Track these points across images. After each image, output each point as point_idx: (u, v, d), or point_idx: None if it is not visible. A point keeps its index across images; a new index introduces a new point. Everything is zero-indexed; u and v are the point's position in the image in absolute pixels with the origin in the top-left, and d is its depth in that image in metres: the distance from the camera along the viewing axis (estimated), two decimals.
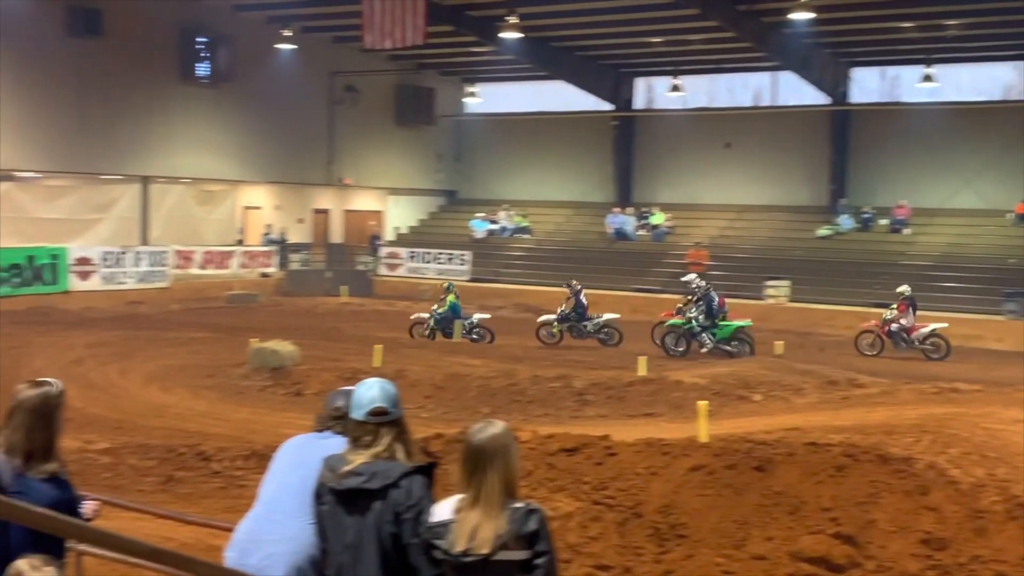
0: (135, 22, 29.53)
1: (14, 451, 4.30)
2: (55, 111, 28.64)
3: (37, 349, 18.36)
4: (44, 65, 28.07)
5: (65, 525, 2.94)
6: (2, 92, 27.41)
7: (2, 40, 26.87)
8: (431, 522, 4.00)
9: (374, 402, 4.18)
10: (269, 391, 16.33)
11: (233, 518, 6.80)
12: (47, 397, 4.38)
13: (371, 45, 29.54)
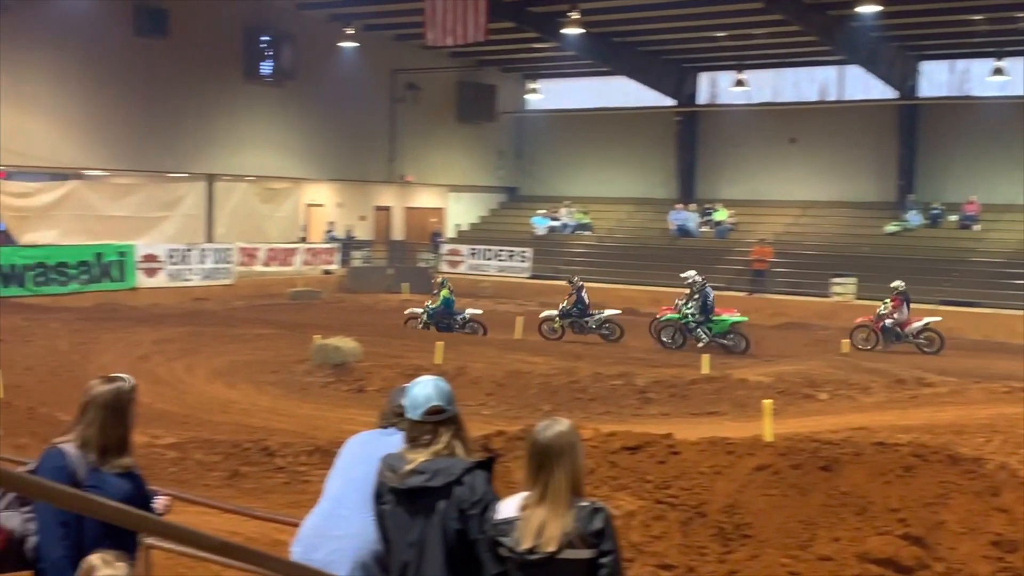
0: (200, 22, 29.89)
1: (88, 446, 4.34)
2: (122, 110, 29.09)
3: (105, 345, 18.64)
4: (112, 65, 28.52)
5: (138, 519, 2.95)
6: (71, 91, 27.94)
7: (71, 40, 27.37)
8: (496, 519, 3.98)
9: (430, 401, 4.18)
10: (332, 387, 16.43)
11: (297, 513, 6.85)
12: (119, 392, 4.42)
13: (433, 42, 29.61)
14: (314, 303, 28.47)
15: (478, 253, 35.64)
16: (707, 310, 21.33)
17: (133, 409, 4.46)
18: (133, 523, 2.80)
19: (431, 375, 4.39)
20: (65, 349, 18.14)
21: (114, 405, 4.39)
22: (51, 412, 13.44)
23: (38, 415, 13.15)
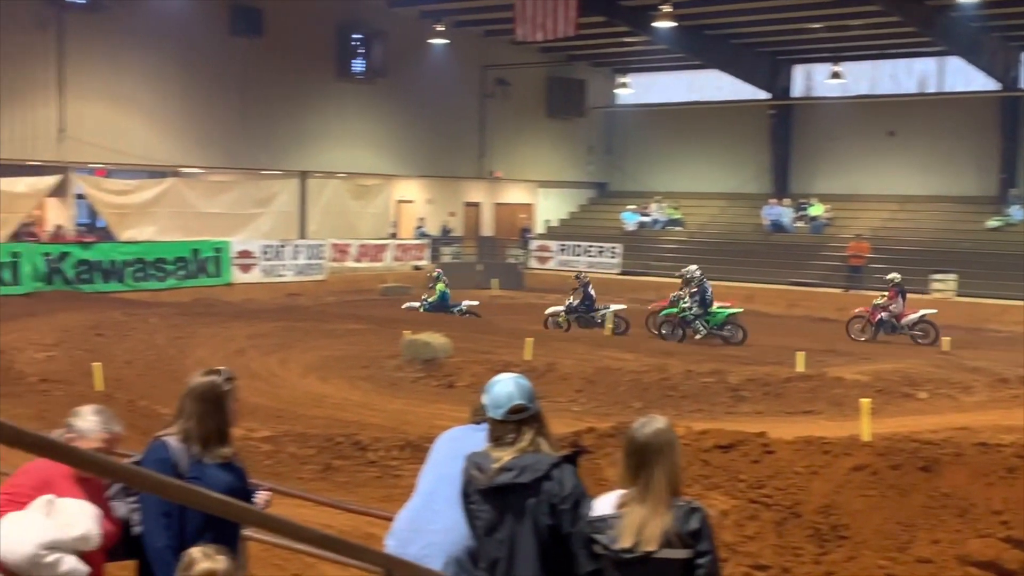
0: (294, 20, 30.29)
1: (189, 438, 4.44)
2: (218, 109, 29.63)
3: (201, 339, 18.99)
4: (208, 64, 29.07)
5: (241, 511, 2.97)
6: (168, 91, 28.54)
7: (168, 40, 27.97)
8: (592, 516, 3.97)
9: (512, 399, 4.17)
10: (422, 383, 16.49)
11: (389, 507, 6.90)
12: (213, 384, 4.49)
13: (523, 38, 29.62)
14: (404, 299, 28.64)
15: (567, 249, 35.56)
16: (706, 304, 21.81)
17: (230, 402, 4.52)
18: (235, 515, 2.83)
19: (511, 372, 4.39)
20: (163, 343, 18.52)
21: (209, 397, 4.46)
22: (150, 405, 13.73)
23: (138, 408, 13.44)
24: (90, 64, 26.87)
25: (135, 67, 27.68)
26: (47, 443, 2.16)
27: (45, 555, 3.97)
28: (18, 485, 4.22)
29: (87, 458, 2.58)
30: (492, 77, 36.70)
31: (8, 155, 25.75)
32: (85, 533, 4.10)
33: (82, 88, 26.82)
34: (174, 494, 2.54)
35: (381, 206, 34.44)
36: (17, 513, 4.08)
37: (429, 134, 34.82)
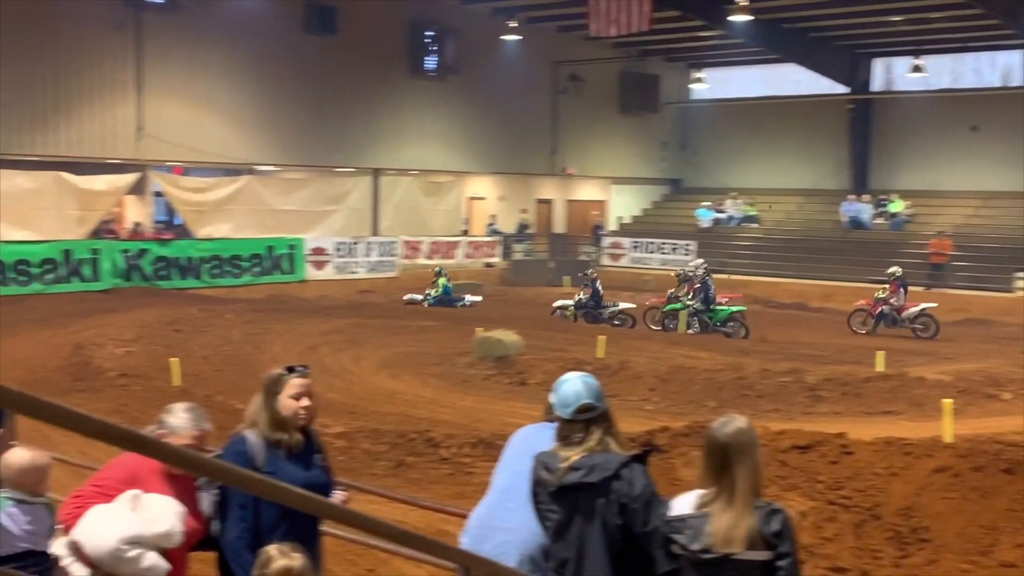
0: (367, 18, 30.44)
1: (256, 427, 4.56)
2: (292, 107, 29.90)
3: (276, 335, 19.15)
4: (282, 62, 29.35)
5: (320, 505, 2.93)
6: (244, 89, 28.88)
7: (244, 39, 28.30)
8: (670, 515, 3.93)
9: (580, 399, 4.13)
10: (494, 380, 16.44)
11: (462, 505, 6.86)
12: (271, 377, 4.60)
13: (596, 33, 29.46)
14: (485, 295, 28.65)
15: (640, 246, 35.33)
16: (709, 300, 22.03)
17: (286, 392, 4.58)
18: (315, 509, 2.80)
19: (579, 371, 4.36)
20: (239, 339, 18.71)
21: (267, 388, 4.57)
22: (226, 400, 13.85)
23: (214, 403, 13.55)
24: (167, 63, 27.28)
25: (211, 66, 28.06)
26: (134, 437, 2.17)
27: (127, 550, 3.98)
28: (107, 478, 4.26)
29: (172, 452, 2.61)
30: (565, 73, 36.57)
31: (88, 153, 26.28)
32: (168, 530, 4.12)
33: (159, 87, 27.25)
34: (256, 488, 2.53)
35: (453, 203, 34.49)
36: (103, 506, 4.12)
37: (501, 131, 34.81)
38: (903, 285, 23.05)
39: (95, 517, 4.07)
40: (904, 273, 23.55)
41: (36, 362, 15.92)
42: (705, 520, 3.83)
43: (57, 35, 25.18)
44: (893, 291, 22.89)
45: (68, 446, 10.47)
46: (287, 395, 4.53)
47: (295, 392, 4.53)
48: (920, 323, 22.58)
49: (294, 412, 4.54)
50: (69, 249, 24.82)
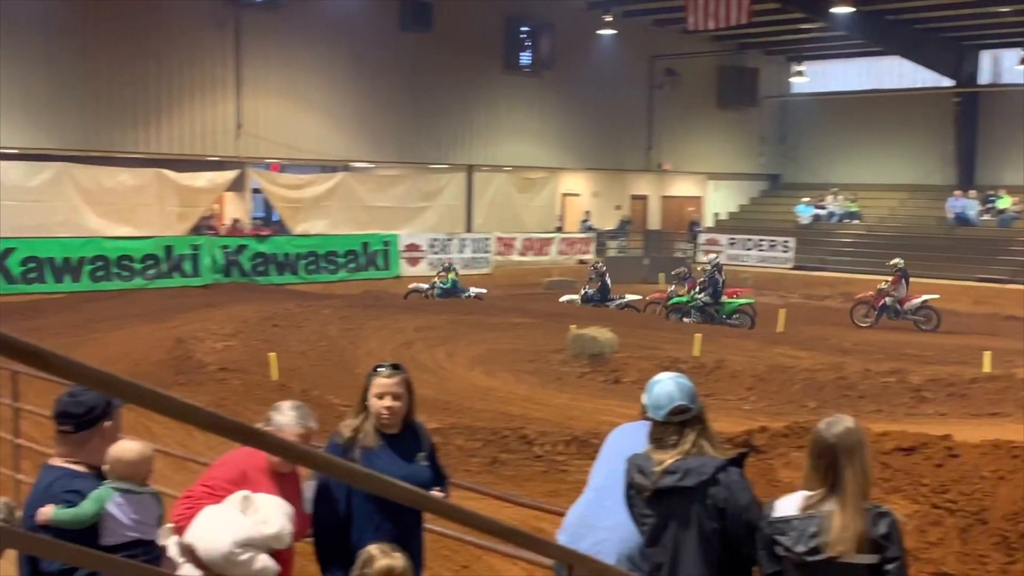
0: (462, 14, 30.51)
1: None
2: (387, 104, 30.09)
3: (371, 331, 19.26)
4: (378, 60, 29.56)
5: (425, 500, 2.88)
6: (340, 87, 29.18)
7: (341, 37, 28.58)
8: (774, 517, 3.86)
9: (673, 400, 4.06)
10: (588, 378, 16.36)
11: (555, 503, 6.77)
12: (368, 374, 4.67)
13: (694, 27, 29.12)
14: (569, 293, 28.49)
15: (738, 243, 34.82)
16: (717, 294, 22.50)
17: (373, 388, 4.65)
18: (419, 503, 2.76)
19: (671, 372, 4.32)
20: (335, 335, 18.86)
21: (366, 387, 4.66)
22: (323, 395, 13.96)
23: (311, 398, 13.65)
24: (265, 61, 27.69)
25: (308, 64, 28.38)
26: (244, 429, 2.16)
27: (240, 553, 4.00)
28: (216, 477, 4.30)
29: (281, 445, 2.63)
30: (661, 67, 36.26)
31: (189, 150, 26.81)
32: (279, 532, 4.13)
33: (258, 85, 27.67)
34: (362, 482, 2.54)
35: (547, 199, 34.41)
36: (215, 507, 4.14)
37: (596, 126, 34.62)
38: (905, 276, 23.06)
39: (207, 520, 4.10)
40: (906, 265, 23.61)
41: (139, 355, 16.25)
42: (811, 522, 3.76)
43: (160, 35, 25.73)
44: (895, 283, 22.85)
45: (169, 438, 10.62)
46: (373, 394, 4.57)
47: (378, 392, 4.58)
48: (922, 315, 22.63)
49: (377, 412, 4.57)
50: (170, 245, 25.35)
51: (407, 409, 4.65)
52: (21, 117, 24.00)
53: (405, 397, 4.62)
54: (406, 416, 4.67)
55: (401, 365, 4.67)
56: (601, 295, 23.90)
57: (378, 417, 4.57)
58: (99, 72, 24.91)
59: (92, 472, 3.83)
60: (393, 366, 4.64)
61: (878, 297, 22.98)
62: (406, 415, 4.67)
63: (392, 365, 4.64)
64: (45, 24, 23.88)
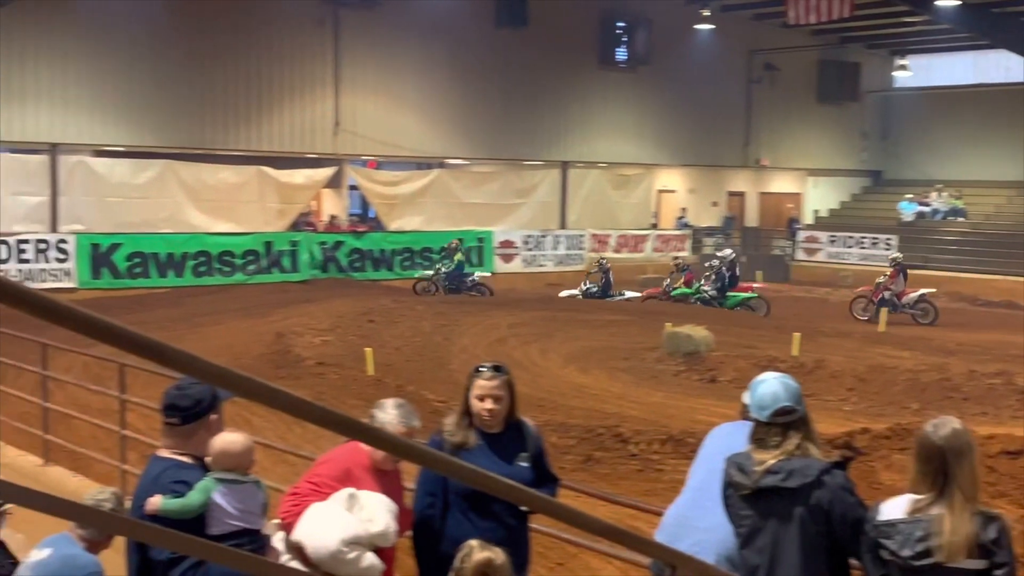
0: (558, 10, 30.43)
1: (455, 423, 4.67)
2: (482, 101, 30.21)
3: (465, 328, 19.34)
4: (473, 57, 29.68)
5: (528, 497, 2.88)
6: (436, 84, 29.35)
7: (436, 33, 28.75)
8: (879, 520, 3.79)
9: (778, 401, 3.99)
10: (683, 376, 16.23)
11: (651, 502, 6.70)
12: (468, 374, 4.71)
13: (795, 20, 28.68)
14: None
15: (838, 241, 34.17)
16: (723, 288, 23.14)
17: (473, 389, 4.66)
18: (522, 500, 2.76)
19: (775, 372, 4.24)
20: (429, 331, 18.99)
21: (467, 387, 4.65)
22: (418, 391, 14.06)
23: (406, 393, 13.76)
24: (363, 59, 28.01)
25: (404, 61, 28.62)
26: (353, 424, 2.20)
27: (347, 551, 4.02)
28: (321, 475, 4.32)
29: (387, 439, 2.67)
30: (759, 62, 35.77)
31: (288, 148, 27.25)
32: (384, 530, 4.15)
33: (355, 83, 28.00)
34: (462, 476, 2.57)
35: (642, 196, 34.20)
36: (321, 505, 4.17)
37: (692, 122, 34.30)
38: (903, 271, 23.40)
39: (315, 518, 4.13)
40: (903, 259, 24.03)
41: (240, 349, 16.57)
42: (918, 526, 3.69)
43: (261, 34, 26.21)
44: (893, 277, 23.19)
45: (269, 431, 10.81)
46: (474, 395, 4.57)
47: (478, 393, 4.57)
48: (920, 309, 23.03)
49: (478, 412, 4.57)
50: (270, 241, 25.82)
51: (509, 410, 4.63)
52: (127, 116, 24.67)
53: (506, 399, 4.60)
54: (509, 416, 4.64)
55: (503, 366, 4.64)
56: (602, 291, 24.28)
57: (479, 417, 4.57)
58: (203, 72, 25.47)
59: (198, 463, 3.90)
60: (495, 367, 4.62)
61: (876, 291, 23.24)
62: (508, 415, 4.64)
63: (494, 367, 4.62)
64: (151, 25, 24.49)
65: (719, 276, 23.17)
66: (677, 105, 33.86)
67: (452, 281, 24.97)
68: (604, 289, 24.37)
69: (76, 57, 23.78)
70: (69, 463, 9.90)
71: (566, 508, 3.13)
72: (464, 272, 25.26)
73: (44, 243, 23.14)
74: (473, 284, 25.14)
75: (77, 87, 23.89)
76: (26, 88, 23.26)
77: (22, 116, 23.28)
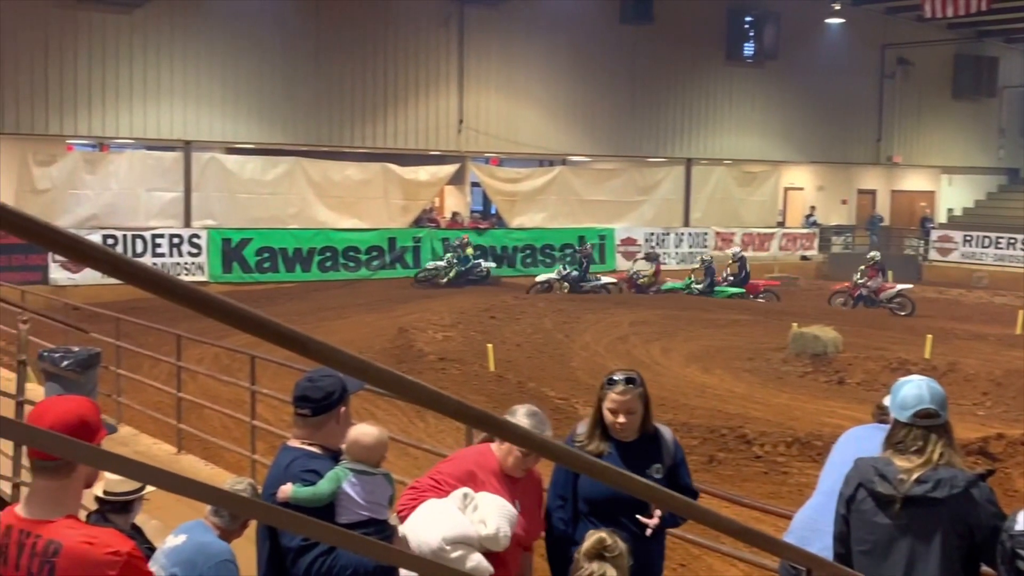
0: (684, 6, 30.10)
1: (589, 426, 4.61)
2: (605, 97, 30.03)
3: (586, 325, 19.31)
4: (597, 53, 29.52)
5: (664, 496, 2.82)
6: (558, 81, 29.31)
7: (560, 31, 28.69)
8: (1015, 530, 3.59)
9: (922, 403, 3.83)
10: (809, 377, 15.95)
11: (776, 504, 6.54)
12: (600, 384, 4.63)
13: (931, 14, 27.88)
14: (791, 290, 27.76)
15: (973, 240, 33.06)
16: (712, 283, 24.81)
17: (606, 402, 4.57)
18: (657, 499, 2.71)
19: (921, 375, 4.07)
20: (550, 328, 19.01)
21: (599, 397, 4.55)
22: (538, 387, 14.09)
23: (527, 390, 13.82)
24: (487, 57, 28.14)
25: (528, 59, 28.66)
26: (487, 417, 2.25)
27: (449, 550, 3.99)
28: (444, 472, 4.31)
29: (523, 435, 2.65)
30: (892, 56, 34.84)
31: (412, 145, 27.55)
32: (494, 533, 4.08)
33: (479, 81, 28.15)
34: (600, 474, 2.56)
35: (768, 194, 33.58)
36: (435, 501, 4.16)
37: (821, 118, 33.55)
38: (882, 269, 24.80)
39: (424, 513, 4.12)
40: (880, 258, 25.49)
41: (363, 344, 16.83)
42: None
43: (387, 34, 26.56)
44: (873, 275, 24.51)
45: (392, 424, 10.96)
46: (606, 407, 4.47)
47: (611, 407, 4.46)
48: (896, 303, 24.01)
49: (610, 424, 4.48)
50: (393, 237, 26.17)
51: (643, 421, 4.52)
52: (258, 114, 25.28)
53: (640, 410, 4.49)
54: (643, 426, 4.54)
55: (636, 377, 4.50)
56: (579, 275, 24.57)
57: (612, 428, 4.48)
58: (330, 71, 25.94)
59: (327, 454, 3.94)
60: (628, 379, 4.47)
61: (855, 288, 24.54)
62: (642, 425, 4.53)
63: (627, 378, 4.47)
64: (280, 26, 25.06)
65: (710, 271, 24.85)
66: (806, 101, 33.16)
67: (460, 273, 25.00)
68: (581, 273, 24.75)
69: (209, 57, 24.47)
70: (201, 452, 10.19)
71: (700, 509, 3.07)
72: (472, 266, 25.31)
73: (178, 238, 23.88)
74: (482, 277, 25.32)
75: (209, 86, 24.58)
76: (161, 87, 24.03)
77: (157, 114, 24.06)
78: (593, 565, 3.64)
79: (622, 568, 3.65)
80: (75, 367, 9.56)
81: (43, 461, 2.72)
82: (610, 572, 3.62)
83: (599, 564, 3.63)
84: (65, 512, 2.72)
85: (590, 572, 3.63)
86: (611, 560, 3.64)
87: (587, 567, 3.65)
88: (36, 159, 22.64)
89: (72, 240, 1.57)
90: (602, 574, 3.62)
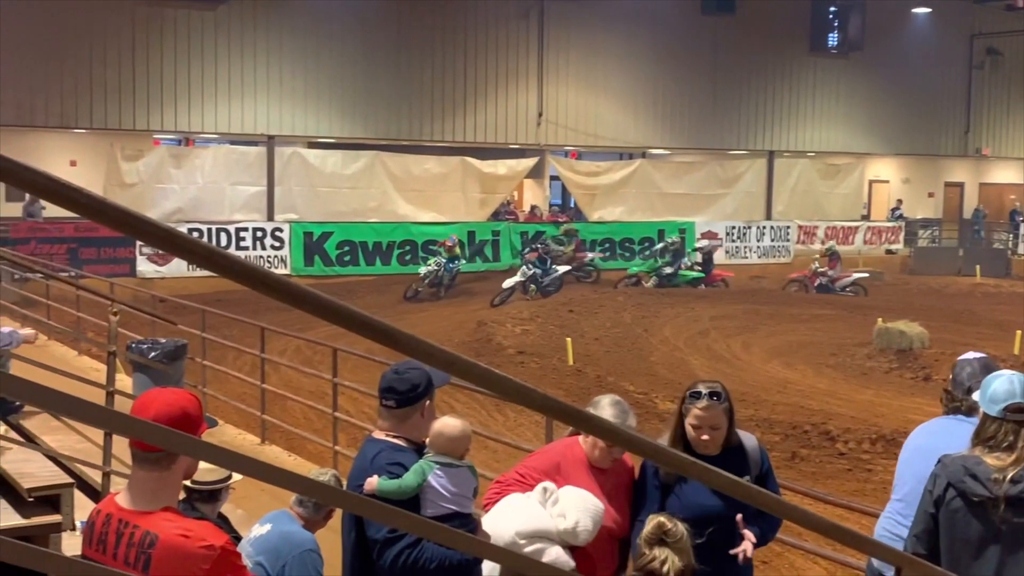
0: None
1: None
2: (686, 89, 29.80)
3: (665, 319, 19.19)
4: (678, 45, 29.29)
5: (750, 492, 2.79)
6: (638, 73, 29.15)
7: (640, 23, 28.53)
8: None
9: (1013, 397, 3.73)
10: (895, 374, 15.66)
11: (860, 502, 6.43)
12: (682, 397, 4.44)
13: (1021, 3, 27.14)
14: (876, 284, 27.26)
15: None
16: (677, 266, 24.51)
17: (688, 416, 4.37)
18: (741, 494, 2.69)
19: (1012, 370, 3.96)
20: (629, 322, 18.93)
21: (681, 410, 4.32)
22: (617, 382, 14.04)
23: (605, 384, 13.78)
24: (566, 50, 28.08)
25: (608, 51, 28.54)
26: (572, 412, 2.23)
27: (523, 544, 3.94)
28: (529, 466, 4.28)
29: (608, 429, 2.64)
30: (981, 46, 34.03)
31: (491, 139, 27.63)
32: (573, 527, 4.00)
33: (559, 74, 28.11)
34: (687, 470, 2.50)
35: (852, 186, 33.01)
36: (516, 495, 4.12)
37: (907, 109, 32.90)
38: (838, 258, 25.56)
39: (503, 507, 4.09)
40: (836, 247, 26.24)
41: (443, 337, 16.93)
42: None
43: (467, 28, 26.69)
44: (831, 266, 25.12)
45: (471, 417, 11.00)
46: (689, 422, 4.20)
47: (693, 422, 4.19)
48: (851, 290, 24.78)
49: (694, 440, 4.22)
50: (473, 230, 26.25)
51: (727, 435, 4.26)
52: (339, 108, 25.57)
53: (724, 426, 4.23)
54: (727, 440, 4.27)
55: (720, 391, 4.22)
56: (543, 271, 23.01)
57: (694, 442, 4.22)
58: (410, 65, 26.12)
59: (411, 447, 3.95)
60: (712, 394, 4.19)
61: (813, 277, 24.98)
62: (726, 439, 4.27)
63: (711, 392, 4.19)
64: (361, 22, 25.31)
65: (676, 255, 24.63)
66: (891, 92, 32.53)
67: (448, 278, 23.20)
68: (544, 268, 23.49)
69: (291, 53, 24.81)
70: (284, 443, 10.33)
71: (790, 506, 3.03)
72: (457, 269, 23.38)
73: (261, 231, 24.25)
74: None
75: (292, 81, 24.93)
76: (244, 83, 24.44)
77: (241, 109, 24.48)
78: (655, 551, 3.51)
79: (685, 552, 3.52)
80: (162, 358, 9.78)
81: (145, 452, 2.76)
82: (672, 558, 3.48)
83: (660, 550, 3.51)
84: (163, 504, 2.76)
85: (652, 558, 3.50)
86: (672, 545, 3.51)
87: (649, 554, 3.52)
88: (124, 154, 23.17)
89: (168, 233, 1.59)
90: (664, 559, 3.48)
